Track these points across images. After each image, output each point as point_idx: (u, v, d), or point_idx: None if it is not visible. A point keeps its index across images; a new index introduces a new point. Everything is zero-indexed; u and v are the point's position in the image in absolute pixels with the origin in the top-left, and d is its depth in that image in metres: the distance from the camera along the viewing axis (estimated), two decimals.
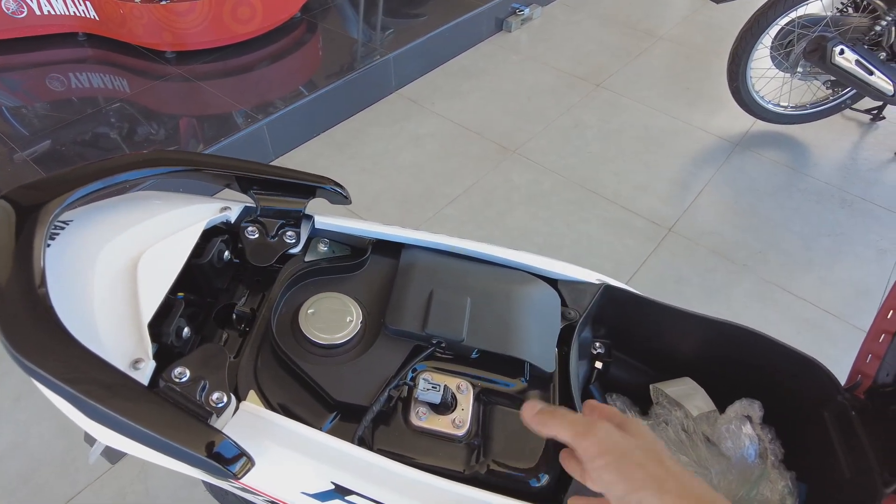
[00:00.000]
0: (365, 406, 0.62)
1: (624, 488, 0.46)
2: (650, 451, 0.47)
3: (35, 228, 0.59)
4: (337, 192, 0.78)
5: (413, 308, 0.69)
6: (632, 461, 0.46)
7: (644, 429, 0.50)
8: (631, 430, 0.49)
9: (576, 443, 0.49)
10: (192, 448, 0.51)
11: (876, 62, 2.10)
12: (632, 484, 0.45)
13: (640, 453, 0.47)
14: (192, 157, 0.74)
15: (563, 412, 0.51)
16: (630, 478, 0.46)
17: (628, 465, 0.46)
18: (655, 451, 0.47)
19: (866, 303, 1.91)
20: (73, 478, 1.43)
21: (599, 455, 0.47)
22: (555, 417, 0.51)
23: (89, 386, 0.51)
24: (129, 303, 0.61)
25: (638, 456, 0.47)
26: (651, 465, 0.46)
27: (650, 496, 0.44)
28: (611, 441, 0.48)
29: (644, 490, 0.45)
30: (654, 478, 0.45)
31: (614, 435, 0.48)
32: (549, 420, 0.51)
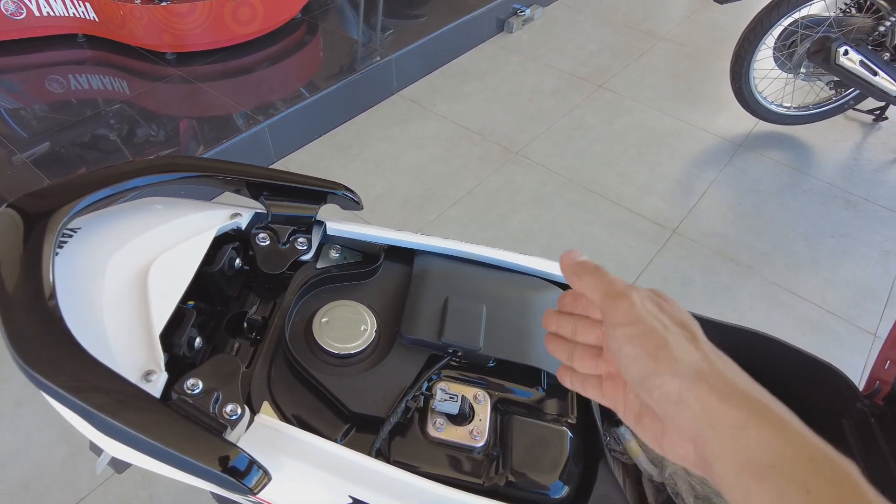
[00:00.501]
0: (382, 417, 0.61)
1: (646, 367, 0.37)
2: (690, 334, 0.39)
3: (43, 237, 0.58)
4: (348, 198, 0.77)
5: (428, 316, 0.68)
6: (664, 339, 0.38)
7: (686, 314, 0.42)
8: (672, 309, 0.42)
9: (605, 304, 0.41)
10: (208, 463, 0.50)
11: (880, 63, 2.10)
12: (658, 364, 0.37)
13: (678, 331, 0.39)
14: (202, 163, 0.73)
15: (602, 270, 0.44)
16: (657, 357, 0.37)
17: (659, 343, 0.38)
18: (696, 336, 0.39)
19: (871, 304, 1.91)
20: (75, 485, 1.41)
21: (629, 322, 0.39)
22: (592, 273, 0.43)
23: (101, 399, 0.50)
24: (140, 312, 0.60)
25: (673, 334, 0.38)
26: (687, 349, 0.38)
27: (679, 383, 0.36)
28: (644, 310, 0.40)
29: (672, 375, 0.36)
30: (688, 364, 0.36)
31: (650, 305, 0.40)
32: (585, 274, 0.43)
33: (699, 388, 0.35)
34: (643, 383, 0.38)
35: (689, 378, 0.36)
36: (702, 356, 0.37)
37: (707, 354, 0.38)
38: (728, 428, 0.33)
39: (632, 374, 0.38)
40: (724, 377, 0.36)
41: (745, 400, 0.34)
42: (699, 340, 0.39)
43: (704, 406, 0.35)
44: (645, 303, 0.40)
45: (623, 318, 0.39)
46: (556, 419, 0.67)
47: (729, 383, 0.35)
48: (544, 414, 0.67)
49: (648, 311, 0.40)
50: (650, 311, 0.40)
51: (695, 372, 0.36)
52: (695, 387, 0.35)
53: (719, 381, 0.35)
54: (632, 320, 0.39)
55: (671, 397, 0.36)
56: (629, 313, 0.39)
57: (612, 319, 0.40)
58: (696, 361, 0.37)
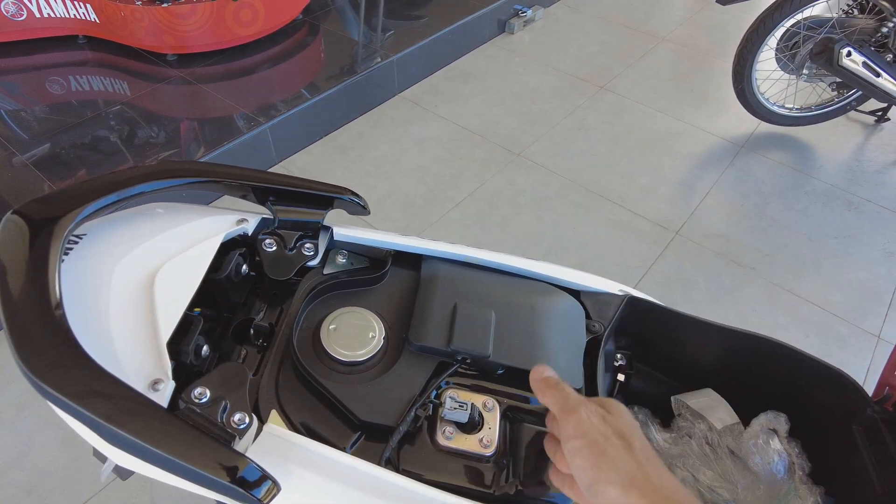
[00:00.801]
0: (391, 426, 0.60)
1: (591, 477, 0.45)
2: (626, 442, 0.46)
3: (49, 243, 0.57)
4: (355, 203, 0.76)
5: (437, 323, 0.67)
6: (604, 451, 0.45)
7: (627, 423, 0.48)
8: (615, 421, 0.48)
9: (560, 418, 0.49)
10: (216, 474, 0.49)
11: (882, 64, 2.09)
12: (599, 474, 0.45)
13: (616, 443, 0.46)
14: (209, 168, 0.72)
15: (562, 386, 0.51)
16: (598, 467, 0.45)
17: (599, 455, 0.45)
18: (632, 445, 0.46)
19: (875, 306, 1.90)
20: (77, 489, 1.41)
21: (575, 437, 0.47)
22: (551, 388, 0.51)
23: (107, 409, 0.49)
24: (146, 320, 0.59)
25: (612, 446, 0.46)
26: (623, 459, 0.45)
27: (614, 490, 0.43)
28: (589, 424, 0.47)
29: (609, 484, 0.44)
30: (622, 473, 0.44)
31: (595, 419, 0.48)
32: (547, 390, 0.51)
33: (630, 495, 0.43)
34: (589, 489, 0.45)
35: (623, 486, 0.43)
36: (636, 464, 0.45)
37: (640, 462, 0.45)
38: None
39: (581, 481, 0.46)
40: (651, 483, 0.43)
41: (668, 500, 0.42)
42: (634, 448, 0.46)
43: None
44: (591, 418, 0.47)
45: (572, 432, 0.47)
46: None
47: (656, 489, 0.43)
48: None
49: (593, 426, 0.47)
50: (594, 425, 0.47)
51: (628, 480, 0.43)
52: (627, 493, 0.43)
53: (648, 486, 0.43)
54: (579, 434, 0.47)
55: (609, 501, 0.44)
56: (577, 428, 0.47)
57: (564, 432, 0.48)
58: (630, 470, 0.44)
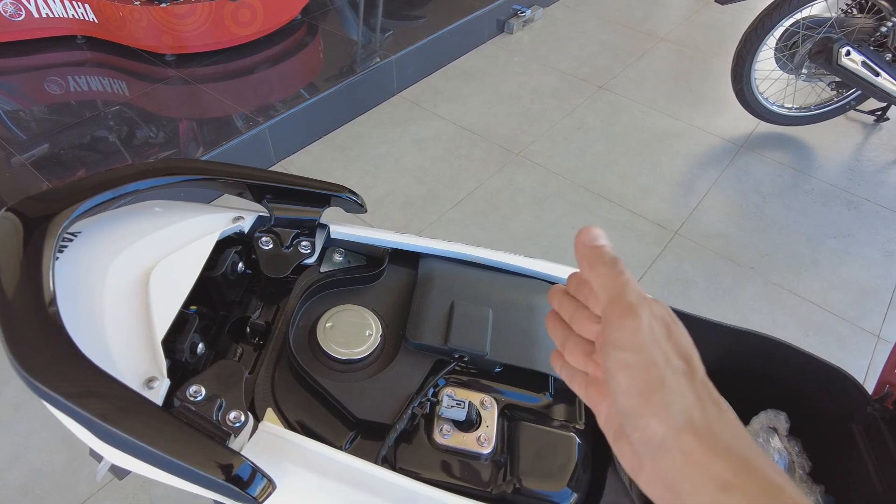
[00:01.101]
0: (388, 424, 0.60)
1: (635, 405, 0.34)
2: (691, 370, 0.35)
3: (43, 241, 0.57)
4: (352, 201, 0.76)
5: (434, 321, 0.67)
6: (661, 378, 0.34)
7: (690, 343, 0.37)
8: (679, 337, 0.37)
9: (609, 314, 0.37)
10: (211, 472, 0.49)
11: (882, 63, 2.09)
12: (648, 406, 0.34)
13: (678, 368, 0.35)
14: (204, 166, 0.72)
15: (621, 265, 0.38)
16: (650, 397, 0.34)
17: (655, 382, 0.34)
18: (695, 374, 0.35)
19: (874, 305, 1.90)
20: (75, 489, 1.40)
21: (630, 348, 0.35)
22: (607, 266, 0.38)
23: (102, 407, 0.49)
24: (141, 318, 0.59)
25: (673, 371, 0.34)
26: (683, 392, 0.34)
27: (664, 431, 0.33)
28: (651, 337, 0.35)
29: (658, 420, 0.33)
30: (677, 410, 0.33)
31: (659, 330, 0.36)
32: (599, 265, 0.38)
33: (684, 439, 0.32)
34: (628, 418, 0.35)
35: (676, 427, 0.33)
36: (696, 400, 0.34)
37: (702, 398, 0.34)
38: (710, 486, 0.31)
39: (619, 404, 0.35)
40: (713, 428, 0.33)
41: (732, 457, 0.31)
42: (697, 379, 0.35)
43: (687, 459, 0.32)
44: (654, 327, 0.36)
45: (625, 341, 0.35)
46: (563, 425, 0.66)
47: (717, 436, 0.32)
48: (552, 420, 0.66)
49: (654, 339, 0.35)
50: (657, 338, 0.35)
51: (684, 420, 0.33)
52: (680, 437, 0.32)
53: (708, 432, 0.32)
54: (634, 346, 0.35)
55: (653, 442, 0.33)
56: (633, 337, 0.35)
57: (613, 338, 0.36)
58: (688, 408, 0.33)
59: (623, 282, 0.37)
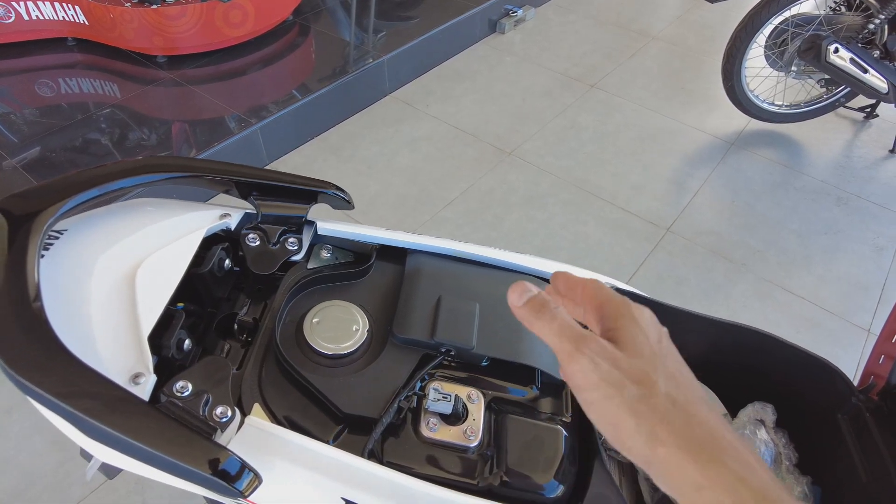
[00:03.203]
0: (374, 418, 0.60)
1: (612, 434, 0.38)
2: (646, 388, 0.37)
3: (28, 239, 0.57)
4: (339, 197, 0.76)
5: (421, 315, 0.67)
6: (620, 404, 0.37)
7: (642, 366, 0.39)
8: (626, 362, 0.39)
9: (559, 359, 0.40)
10: (197, 466, 0.49)
11: (870, 60, 2.11)
12: (619, 432, 0.37)
13: (635, 392, 0.37)
14: (190, 163, 0.72)
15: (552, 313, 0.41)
16: (617, 425, 0.37)
17: (616, 409, 0.37)
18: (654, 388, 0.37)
19: (864, 300, 1.91)
20: (67, 492, 1.40)
21: (586, 388, 0.38)
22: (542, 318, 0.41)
23: (88, 403, 0.49)
24: (127, 315, 0.59)
25: (630, 396, 0.37)
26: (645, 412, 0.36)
27: (641, 451, 0.36)
28: (598, 374, 0.38)
29: (632, 442, 0.36)
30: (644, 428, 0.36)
31: (604, 364, 0.38)
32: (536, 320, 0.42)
33: (658, 453, 0.35)
34: (613, 444, 0.38)
35: (649, 445, 0.36)
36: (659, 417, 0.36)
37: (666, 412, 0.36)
38: (689, 488, 0.35)
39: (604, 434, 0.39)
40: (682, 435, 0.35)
41: (700, 459, 0.34)
42: (657, 397, 0.37)
43: (666, 469, 0.36)
44: (600, 364, 0.38)
45: (580, 384, 0.39)
46: (550, 418, 0.66)
47: (687, 442, 0.35)
48: (539, 413, 0.67)
49: (602, 375, 0.38)
50: (604, 372, 0.38)
51: (653, 438, 0.36)
52: (654, 452, 0.36)
53: (677, 440, 0.35)
54: (589, 386, 0.38)
55: (638, 461, 0.37)
56: (585, 378, 0.38)
57: (572, 383, 0.39)
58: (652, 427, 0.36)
59: (557, 328, 0.40)
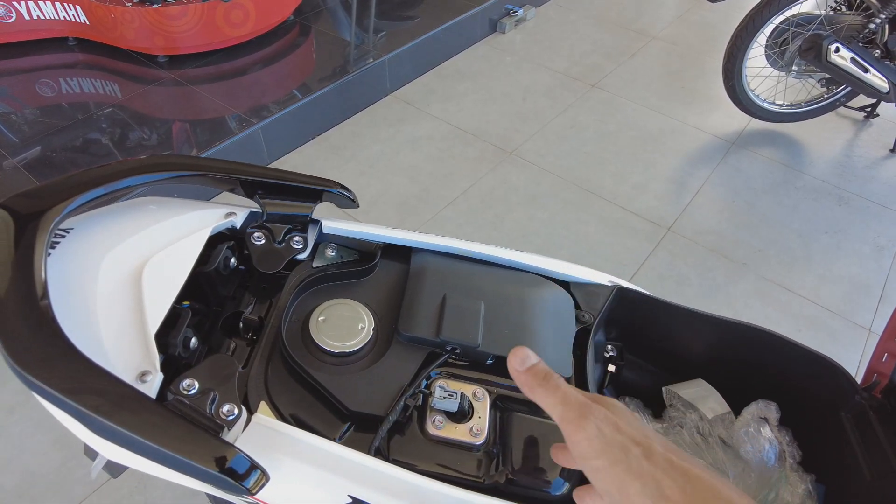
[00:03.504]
0: (380, 416, 0.60)
1: (619, 500, 0.40)
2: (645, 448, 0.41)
3: (35, 237, 0.57)
4: (344, 196, 0.76)
5: (426, 314, 0.68)
6: (629, 467, 0.40)
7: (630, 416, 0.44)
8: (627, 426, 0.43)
9: (565, 432, 0.43)
10: (205, 463, 0.49)
11: (871, 60, 2.11)
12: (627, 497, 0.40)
13: (637, 454, 0.40)
14: (196, 162, 0.72)
15: (556, 381, 0.44)
16: (626, 490, 0.40)
17: (624, 474, 0.40)
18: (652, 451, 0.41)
19: (865, 300, 1.91)
20: (70, 491, 1.40)
21: (592, 456, 0.41)
22: (542, 385, 0.44)
23: (95, 400, 0.49)
24: (134, 313, 0.59)
25: (635, 459, 0.40)
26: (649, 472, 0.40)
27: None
28: (604, 440, 0.41)
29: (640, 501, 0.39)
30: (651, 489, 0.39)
31: (608, 430, 0.42)
32: (536, 387, 0.45)
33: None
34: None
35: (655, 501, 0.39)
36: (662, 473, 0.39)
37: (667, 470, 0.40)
38: None
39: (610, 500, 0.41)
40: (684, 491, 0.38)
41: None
42: (656, 455, 0.40)
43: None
44: (605, 429, 0.41)
45: (586, 452, 0.41)
46: None
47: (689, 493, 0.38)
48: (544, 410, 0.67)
49: (608, 440, 0.41)
50: (609, 438, 0.41)
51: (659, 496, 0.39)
52: None
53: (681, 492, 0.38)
54: (595, 453, 0.41)
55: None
56: (591, 446, 0.41)
57: (577, 452, 0.42)
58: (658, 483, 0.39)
59: (561, 397, 0.43)
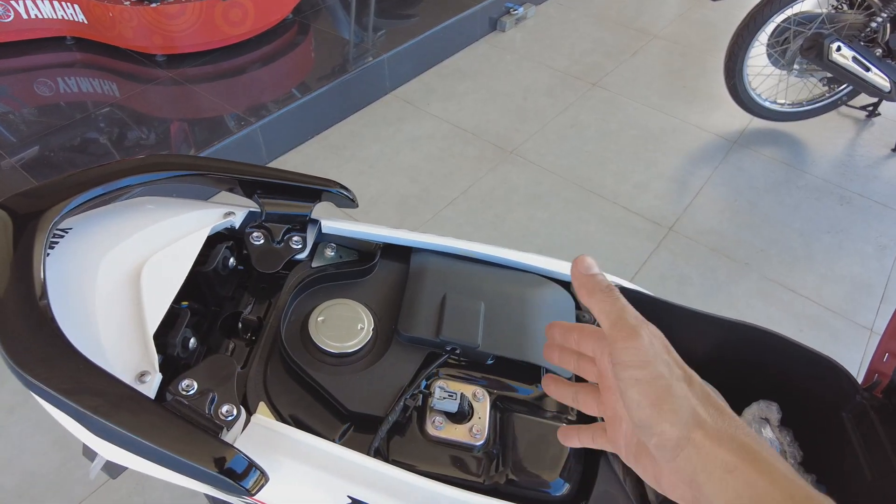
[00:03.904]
0: (380, 416, 0.60)
1: (649, 415, 0.38)
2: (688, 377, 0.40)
3: (34, 237, 0.57)
4: (343, 195, 0.76)
5: (426, 314, 0.67)
6: (669, 386, 0.38)
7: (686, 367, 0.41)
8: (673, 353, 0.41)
9: (614, 338, 0.40)
10: (204, 464, 0.49)
11: (872, 58, 2.10)
12: (660, 415, 0.37)
13: (679, 375, 0.39)
14: (195, 161, 0.72)
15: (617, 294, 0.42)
16: (660, 406, 0.38)
17: (663, 392, 0.38)
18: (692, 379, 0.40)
19: (867, 299, 1.91)
20: (70, 491, 1.39)
21: (638, 365, 0.39)
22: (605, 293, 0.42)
23: (94, 400, 0.49)
24: (133, 313, 0.59)
25: (677, 379, 0.39)
26: (686, 396, 0.38)
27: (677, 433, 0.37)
28: (654, 352, 0.39)
29: (671, 424, 0.37)
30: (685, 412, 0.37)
31: (658, 345, 0.40)
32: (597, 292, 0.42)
33: (695, 435, 0.37)
34: (644, 429, 0.39)
35: (687, 427, 0.37)
36: (698, 402, 0.38)
37: (702, 400, 0.39)
38: (720, 471, 0.36)
39: (634, 418, 0.39)
40: (716, 423, 0.38)
41: (734, 444, 0.36)
42: (695, 385, 0.39)
43: (699, 452, 0.37)
44: (654, 344, 0.40)
45: (632, 360, 0.39)
46: (556, 416, 0.66)
47: (720, 429, 0.37)
48: (544, 411, 0.66)
49: (656, 354, 0.39)
50: (658, 352, 0.40)
51: (692, 420, 0.37)
52: (691, 434, 0.37)
53: (713, 426, 0.37)
54: (641, 363, 0.39)
55: (669, 444, 0.38)
56: (639, 355, 0.39)
57: (621, 358, 0.40)
58: (693, 409, 0.38)
59: (621, 306, 0.41)
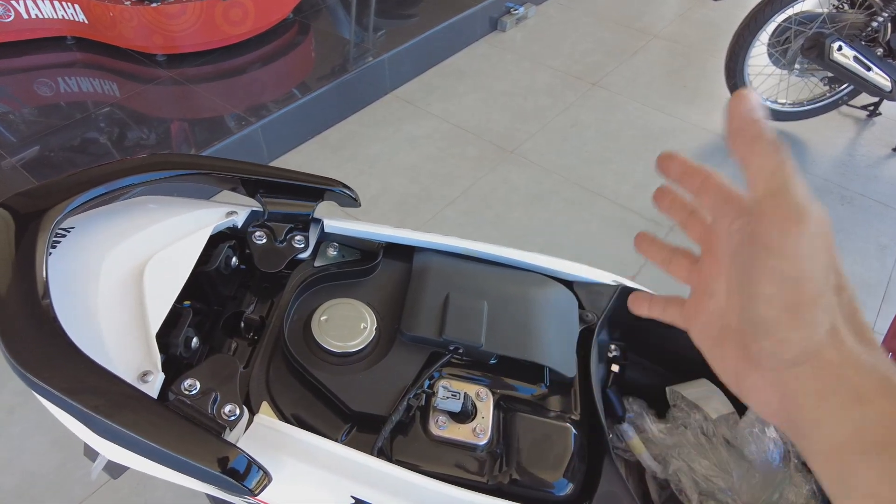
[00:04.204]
0: (383, 416, 0.60)
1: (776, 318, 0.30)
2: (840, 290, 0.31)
3: (36, 236, 0.57)
4: (346, 195, 0.76)
5: (429, 313, 0.67)
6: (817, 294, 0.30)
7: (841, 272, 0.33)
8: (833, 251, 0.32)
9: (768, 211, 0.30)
10: (206, 464, 0.49)
11: (873, 58, 2.10)
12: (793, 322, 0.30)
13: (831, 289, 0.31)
14: (197, 161, 0.71)
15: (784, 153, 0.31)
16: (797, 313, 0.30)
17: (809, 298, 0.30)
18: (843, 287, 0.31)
19: (868, 298, 1.91)
20: (70, 492, 1.39)
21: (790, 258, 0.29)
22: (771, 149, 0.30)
23: (96, 400, 0.49)
24: (135, 312, 0.59)
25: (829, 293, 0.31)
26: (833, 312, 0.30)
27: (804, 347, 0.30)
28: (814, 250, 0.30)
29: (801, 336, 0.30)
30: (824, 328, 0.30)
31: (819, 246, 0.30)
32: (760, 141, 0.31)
33: (826, 354, 0.30)
34: (760, 327, 0.31)
35: (819, 344, 0.30)
36: (843, 318, 0.31)
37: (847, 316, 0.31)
38: (842, 398, 0.29)
39: (753, 311, 0.31)
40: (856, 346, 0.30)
41: (875, 374, 0.29)
42: (845, 293, 0.31)
43: (821, 373, 0.30)
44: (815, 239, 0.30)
45: (785, 250, 0.30)
46: (559, 416, 0.66)
47: (860, 354, 0.30)
48: (547, 411, 0.66)
49: (815, 251, 0.30)
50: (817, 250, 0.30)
51: (828, 338, 0.30)
52: (821, 353, 0.30)
53: (851, 349, 0.30)
54: (794, 256, 0.30)
55: (787, 356, 0.30)
56: (796, 247, 0.29)
57: (770, 243, 0.30)
58: (832, 324, 0.30)
59: (788, 172, 0.30)
